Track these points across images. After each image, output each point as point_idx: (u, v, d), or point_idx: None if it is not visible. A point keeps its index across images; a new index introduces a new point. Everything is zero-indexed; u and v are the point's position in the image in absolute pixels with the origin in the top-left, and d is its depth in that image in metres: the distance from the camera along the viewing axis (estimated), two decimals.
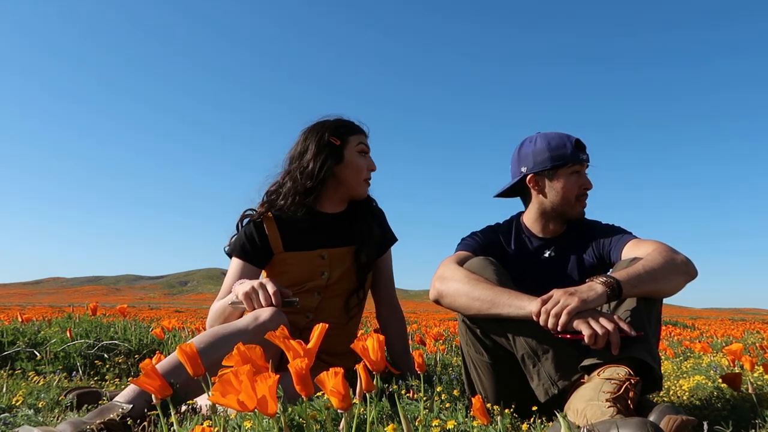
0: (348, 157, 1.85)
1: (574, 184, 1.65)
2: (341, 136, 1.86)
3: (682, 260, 1.43)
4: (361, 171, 1.87)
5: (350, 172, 1.85)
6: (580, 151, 1.66)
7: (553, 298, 1.29)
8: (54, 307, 18.76)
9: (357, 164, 1.86)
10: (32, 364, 2.46)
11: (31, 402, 1.63)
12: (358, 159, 1.86)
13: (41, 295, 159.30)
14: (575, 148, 1.65)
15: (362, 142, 1.89)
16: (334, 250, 1.82)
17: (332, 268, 1.80)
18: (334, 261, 1.81)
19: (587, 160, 1.68)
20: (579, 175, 1.66)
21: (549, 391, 1.34)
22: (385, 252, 1.97)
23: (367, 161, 1.90)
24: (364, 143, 1.90)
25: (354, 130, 1.90)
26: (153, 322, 5.99)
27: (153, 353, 2.67)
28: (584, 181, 1.67)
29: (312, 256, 1.80)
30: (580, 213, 1.69)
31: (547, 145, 1.65)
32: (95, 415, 1.19)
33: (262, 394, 0.74)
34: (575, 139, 1.67)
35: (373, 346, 1.00)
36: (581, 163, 1.66)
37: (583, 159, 1.66)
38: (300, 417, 1.03)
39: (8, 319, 4.35)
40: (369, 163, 1.91)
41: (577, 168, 1.65)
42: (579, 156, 1.65)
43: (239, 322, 1.49)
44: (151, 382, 0.99)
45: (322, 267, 1.79)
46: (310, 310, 1.78)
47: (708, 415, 1.53)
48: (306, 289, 1.77)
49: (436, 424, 1.02)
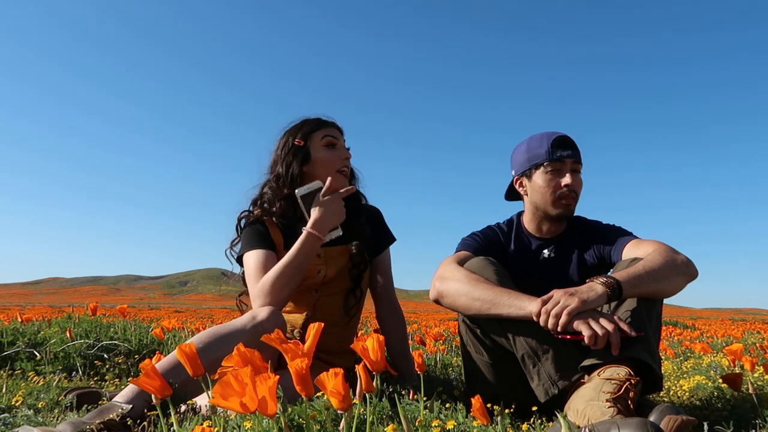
0: (314, 153, 1.83)
1: (549, 182, 1.61)
2: (304, 135, 1.85)
3: (683, 260, 1.42)
4: (329, 163, 1.82)
5: (320, 168, 1.82)
6: (560, 148, 1.60)
7: (553, 299, 1.29)
8: (54, 307, 18.77)
9: (323, 158, 1.82)
10: (32, 365, 2.46)
11: (30, 402, 1.63)
12: (324, 153, 1.82)
13: (41, 296, 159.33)
14: (552, 146, 1.60)
15: (328, 134, 1.84)
16: (329, 249, 1.81)
17: (328, 266, 1.80)
18: (329, 259, 1.81)
19: (569, 156, 1.60)
20: (558, 172, 1.60)
21: (549, 391, 1.34)
22: (383, 252, 1.96)
23: (336, 152, 1.84)
24: (331, 135, 1.85)
25: (316, 126, 1.87)
26: (153, 322, 5.98)
27: (153, 353, 2.66)
28: (563, 179, 1.60)
29: None
30: (564, 212, 1.62)
31: (527, 147, 1.67)
32: (95, 415, 1.19)
33: (262, 395, 0.74)
34: (557, 136, 1.61)
35: (372, 346, 1.00)
36: (559, 160, 1.60)
37: (562, 156, 1.59)
38: (300, 417, 1.03)
39: (8, 319, 4.34)
40: (339, 153, 1.84)
41: (555, 166, 1.60)
42: (555, 154, 1.59)
43: (236, 321, 1.50)
44: (150, 382, 0.99)
45: (318, 265, 1.79)
46: (309, 308, 1.79)
47: (708, 415, 1.53)
48: (303, 287, 1.77)
49: (436, 425, 1.02)
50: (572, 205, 1.63)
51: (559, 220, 1.67)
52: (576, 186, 1.62)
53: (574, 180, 1.61)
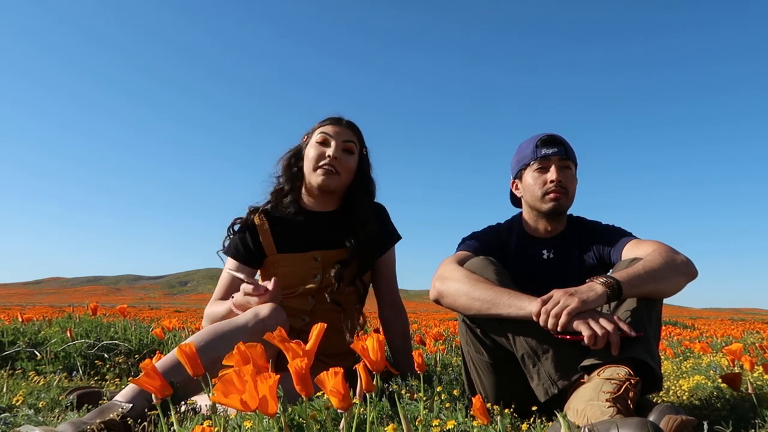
0: (305, 150, 1.82)
1: (536, 180, 1.64)
2: (308, 133, 1.85)
3: (683, 260, 1.43)
4: (313, 159, 1.78)
5: (306, 164, 1.81)
6: (545, 146, 1.63)
7: (553, 299, 1.29)
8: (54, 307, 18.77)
9: (308, 154, 1.80)
10: (32, 364, 2.46)
11: (31, 402, 1.63)
12: (311, 149, 1.79)
13: (41, 295, 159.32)
14: (537, 146, 1.64)
15: (324, 131, 1.79)
16: (327, 252, 1.78)
17: (325, 270, 1.77)
18: (327, 263, 1.78)
19: (554, 154, 1.62)
20: (544, 170, 1.63)
21: (549, 390, 1.34)
22: (388, 250, 1.92)
23: (323, 149, 1.77)
24: (327, 132, 1.79)
25: (320, 123, 1.84)
26: (153, 322, 5.98)
27: (153, 353, 2.66)
28: (549, 175, 1.62)
29: (305, 258, 1.78)
30: (553, 207, 1.62)
31: (517, 150, 1.73)
32: (95, 414, 1.19)
33: (263, 394, 0.74)
34: (542, 136, 1.65)
35: (373, 346, 1.00)
36: (544, 158, 1.62)
37: (546, 154, 1.62)
38: (300, 417, 1.03)
39: (8, 319, 4.35)
40: (325, 150, 1.77)
41: (542, 164, 1.63)
42: (540, 152, 1.63)
43: (239, 319, 1.48)
44: (151, 382, 0.99)
45: (315, 269, 1.77)
46: (306, 312, 1.75)
47: (708, 415, 1.53)
48: (299, 292, 1.75)
49: (436, 424, 1.02)
50: (562, 200, 1.63)
51: (551, 216, 1.66)
52: (565, 181, 1.63)
53: (561, 175, 1.62)
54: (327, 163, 1.76)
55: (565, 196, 1.63)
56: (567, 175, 1.64)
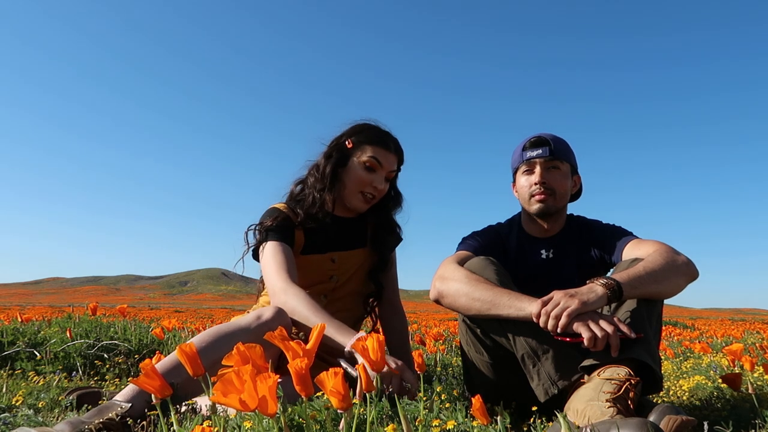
0: (351, 163, 1.78)
1: (524, 183, 1.67)
2: (357, 142, 1.79)
3: (683, 261, 1.42)
4: (358, 182, 1.77)
5: (348, 180, 1.78)
6: (530, 148, 1.65)
7: (553, 300, 1.29)
8: (54, 307, 18.76)
9: (357, 174, 1.77)
10: (32, 364, 2.46)
11: (31, 402, 1.63)
12: (360, 170, 1.76)
13: (41, 295, 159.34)
14: (524, 149, 1.67)
15: (376, 156, 1.76)
16: (344, 253, 1.81)
17: (341, 271, 1.79)
18: (343, 264, 1.80)
19: (538, 156, 1.63)
20: (530, 172, 1.66)
21: (549, 391, 1.34)
22: (392, 251, 1.95)
23: (370, 176, 1.76)
24: (377, 158, 1.76)
25: (374, 140, 1.79)
26: (153, 322, 5.98)
27: (153, 353, 2.66)
28: (534, 177, 1.64)
29: (323, 259, 1.79)
30: (540, 208, 1.63)
31: (512, 154, 1.77)
32: (94, 414, 1.19)
33: (262, 394, 0.74)
34: (530, 138, 1.66)
35: (372, 346, 1.00)
36: (529, 160, 1.65)
37: (530, 156, 1.64)
38: (300, 417, 1.03)
39: (8, 319, 4.34)
40: (373, 178, 1.76)
41: (528, 166, 1.66)
42: (525, 155, 1.66)
43: (241, 320, 1.47)
44: (150, 382, 0.99)
45: (331, 270, 1.79)
46: None
47: (708, 415, 1.53)
48: (312, 291, 1.75)
49: (436, 424, 1.02)
50: (548, 201, 1.63)
51: (540, 217, 1.68)
52: (551, 182, 1.63)
53: (546, 176, 1.63)
54: (370, 193, 1.79)
55: (552, 197, 1.63)
56: (554, 175, 1.64)
